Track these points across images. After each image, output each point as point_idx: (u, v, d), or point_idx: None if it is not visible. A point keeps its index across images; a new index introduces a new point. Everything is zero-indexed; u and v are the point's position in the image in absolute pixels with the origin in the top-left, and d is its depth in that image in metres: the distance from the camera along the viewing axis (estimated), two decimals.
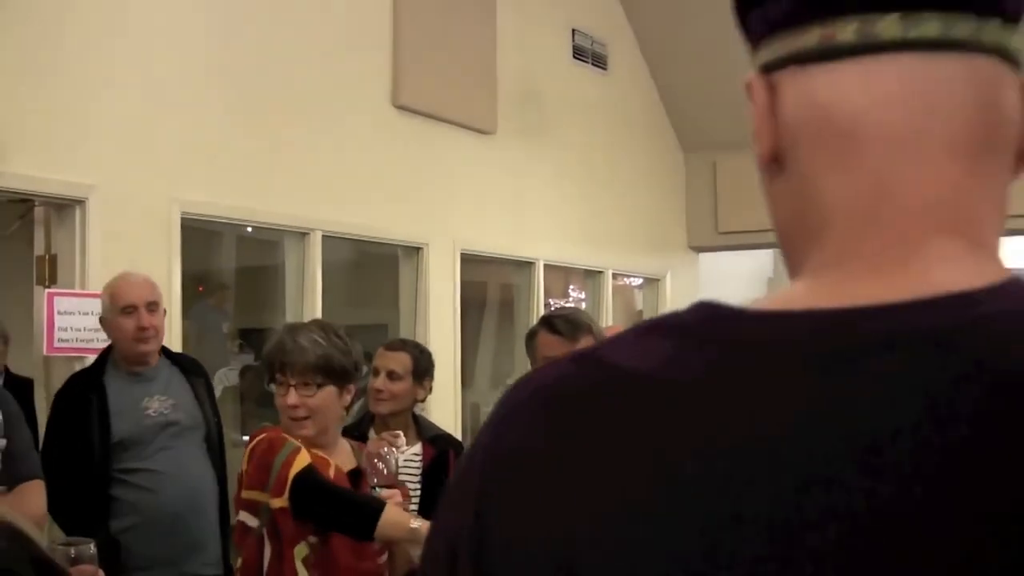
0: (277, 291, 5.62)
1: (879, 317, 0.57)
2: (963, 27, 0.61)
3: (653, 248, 7.90)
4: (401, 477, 3.00)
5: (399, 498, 2.59)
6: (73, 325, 3.99)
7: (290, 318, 5.12)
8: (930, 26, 0.61)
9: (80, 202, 4.12)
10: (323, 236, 5.26)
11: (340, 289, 6.54)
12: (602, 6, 7.54)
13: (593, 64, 7.31)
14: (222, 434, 3.66)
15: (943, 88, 0.62)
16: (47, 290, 4.07)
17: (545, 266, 6.87)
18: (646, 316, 8.14)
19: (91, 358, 3.99)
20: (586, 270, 7.44)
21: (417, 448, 3.36)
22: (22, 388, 4.30)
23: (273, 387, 2.57)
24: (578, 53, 7.21)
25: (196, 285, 6.49)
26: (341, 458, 2.60)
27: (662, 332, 0.63)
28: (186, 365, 3.65)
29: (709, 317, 0.62)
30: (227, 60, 4.75)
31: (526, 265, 6.82)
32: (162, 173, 4.43)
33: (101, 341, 3.99)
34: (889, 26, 0.61)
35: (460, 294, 6.14)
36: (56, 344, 3.98)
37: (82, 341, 4.02)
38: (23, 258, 4.53)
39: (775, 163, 0.67)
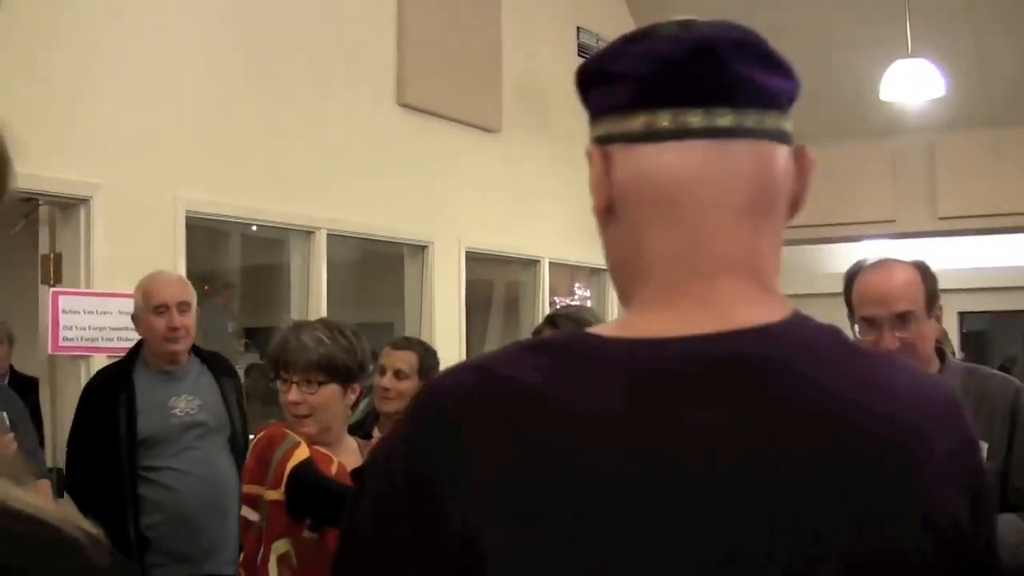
0: (282, 290, 5.62)
1: (706, 344, 0.79)
2: (750, 119, 0.83)
3: None
4: None
5: None
6: (78, 324, 3.99)
7: (295, 317, 5.12)
8: (725, 118, 0.82)
9: (85, 201, 4.11)
10: (328, 235, 5.26)
11: (345, 288, 6.54)
12: (606, 4, 7.53)
13: None
14: (247, 435, 3.64)
15: (735, 166, 0.83)
16: (52, 289, 4.06)
17: (550, 264, 6.86)
18: None
19: (96, 357, 3.99)
20: (591, 268, 7.42)
21: None
22: (27, 387, 4.31)
23: (278, 384, 2.57)
24: (583, 51, 7.20)
25: (201, 284, 6.48)
26: (346, 456, 2.58)
27: (546, 352, 0.80)
28: (216, 365, 3.65)
29: (583, 343, 0.81)
30: (231, 59, 4.75)
31: (531, 263, 6.81)
32: (167, 172, 4.42)
33: (106, 340, 3.99)
34: (695, 117, 0.82)
35: (465, 292, 6.14)
36: (61, 343, 3.98)
37: (87, 340, 4.01)
38: (28, 257, 4.52)
39: (609, 214, 0.87)
